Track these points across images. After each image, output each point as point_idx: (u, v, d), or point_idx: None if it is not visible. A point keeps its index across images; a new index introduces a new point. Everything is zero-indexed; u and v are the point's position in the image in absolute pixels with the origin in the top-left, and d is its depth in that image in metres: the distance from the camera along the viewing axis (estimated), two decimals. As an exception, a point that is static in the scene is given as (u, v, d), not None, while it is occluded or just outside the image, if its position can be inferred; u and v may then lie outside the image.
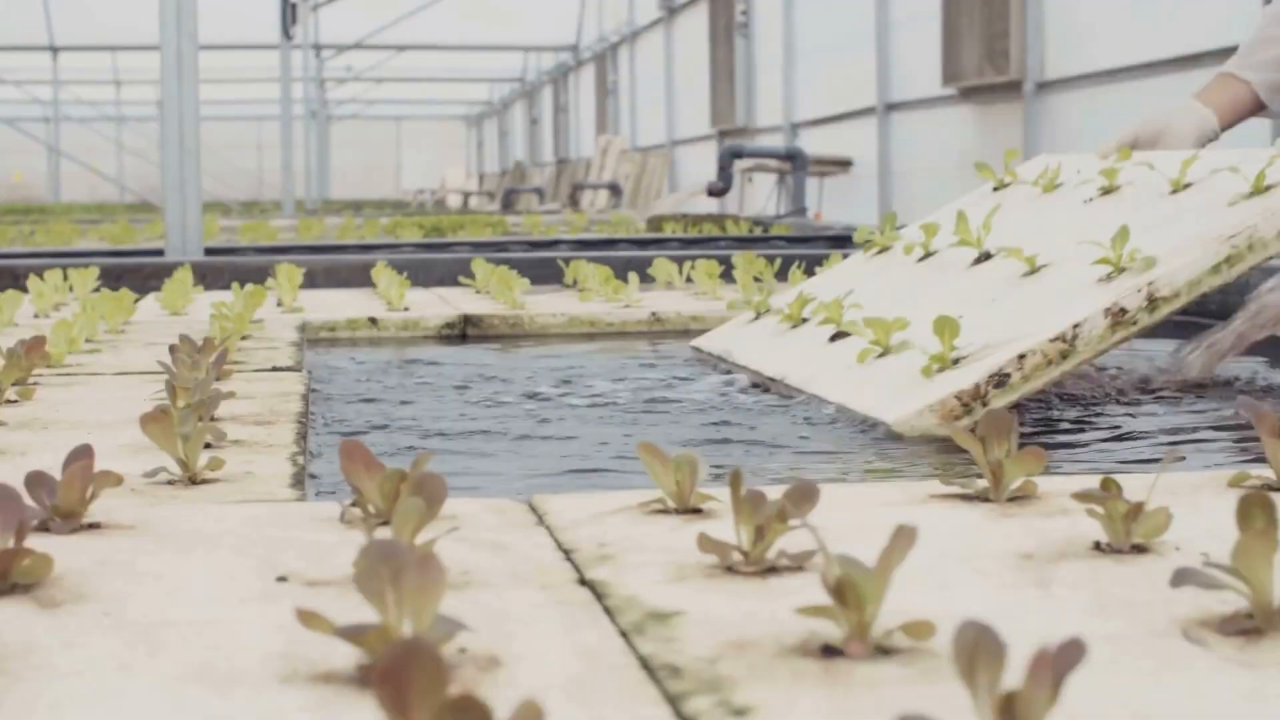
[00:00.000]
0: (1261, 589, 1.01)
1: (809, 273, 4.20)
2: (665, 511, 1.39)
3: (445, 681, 0.73)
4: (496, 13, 21.99)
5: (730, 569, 1.18)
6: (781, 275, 4.42)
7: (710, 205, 13.53)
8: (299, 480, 1.64)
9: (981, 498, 1.44)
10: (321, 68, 24.94)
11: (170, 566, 1.24)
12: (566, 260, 4.39)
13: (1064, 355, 2.07)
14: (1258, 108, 2.91)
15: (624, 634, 1.02)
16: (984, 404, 2.03)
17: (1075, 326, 2.07)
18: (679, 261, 4.29)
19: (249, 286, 3.47)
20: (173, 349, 2.24)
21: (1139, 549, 1.24)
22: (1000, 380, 2.04)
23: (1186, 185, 2.51)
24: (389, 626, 0.93)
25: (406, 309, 3.76)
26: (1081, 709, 0.87)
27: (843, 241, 5.50)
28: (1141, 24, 8.64)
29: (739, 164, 12.37)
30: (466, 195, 19.20)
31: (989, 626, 0.79)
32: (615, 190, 14.17)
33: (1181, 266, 2.11)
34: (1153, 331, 2.23)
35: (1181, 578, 1.03)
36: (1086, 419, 2.31)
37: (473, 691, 0.76)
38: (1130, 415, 2.34)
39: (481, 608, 1.09)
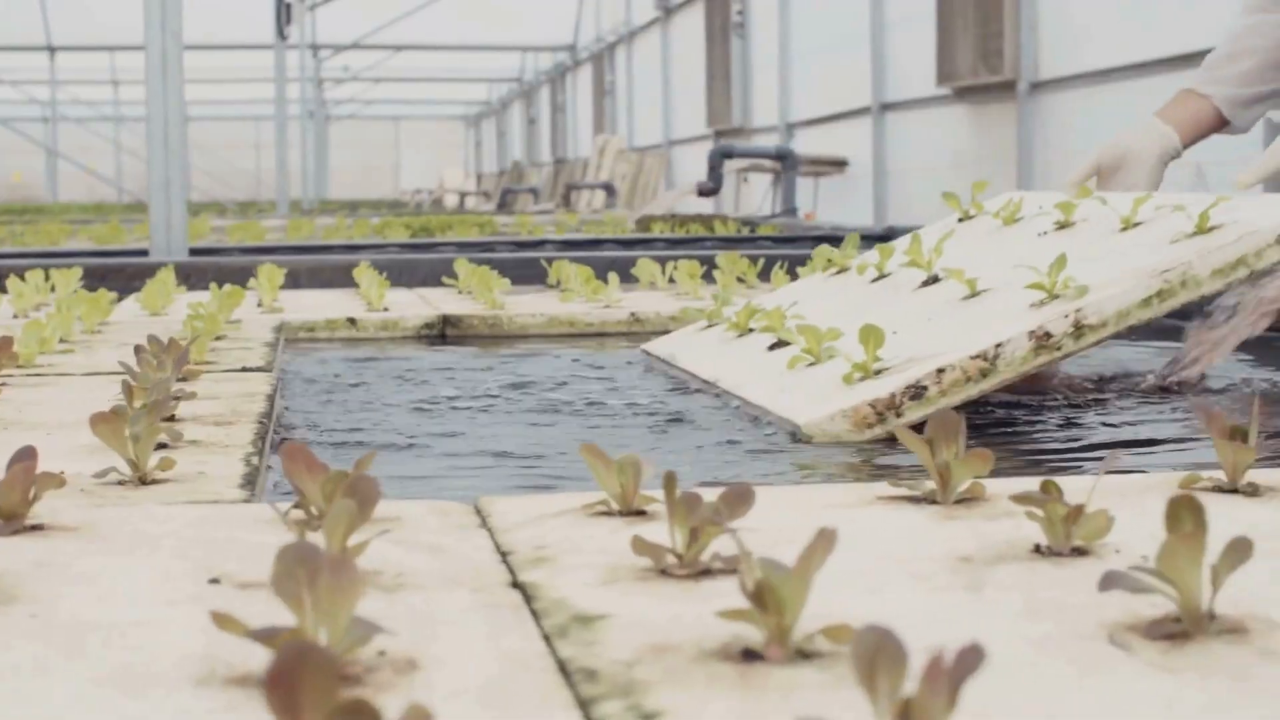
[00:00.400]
0: (1188, 592, 1.00)
1: (791, 273, 4.21)
2: (609, 514, 1.38)
3: (337, 685, 0.73)
4: (494, 13, 21.99)
5: (664, 572, 1.17)
6: (765, 275, 4.42)
7: (704, 205, 13.53)
8: (250, 481, 1.64)
9: (929, 500, 1.44)
10: (319, 68, 24.93)
11: (107, 568, 1.23)
12: (550, 260, 4.38)
13: (984, 373, 2.08)
14: (1220, 124, 2.91)
15: (547, 637, 1.02)
16: (898, 414, 2.04)
17: (998, 346, 2.08)
18: (662, 262, 4.28)
19: (227, 287, 3.46)
20: (138, 349, 2.23)
21: (1079, 552, 1.23)
22: (916, 392, 2.06)
23: (1137, 223, 2.54)
24: (303, 629, 0.93)
25: (386, 309, 3.76)
26: (995, 713, 0.86)
27: (829, 241, 5.49)
28: (1134, 24, 8.64)
29: (734, 164, 12.38)
30: (463, 195, 19.18)
31: (890, 632, 0.78)
32: (610, 190, 14.17)
33: (1111, 297, 2.12)
34: (1150, 334, 2.25)
35: (1109, 581, 1.02)
36: (1074, 421, 2.30)
37: (368, 697, 0.76)
38: (1107, 418, 2.34)
39: (408, 610, 1.08)
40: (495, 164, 26.96)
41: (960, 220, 3.13)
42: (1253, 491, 1.46)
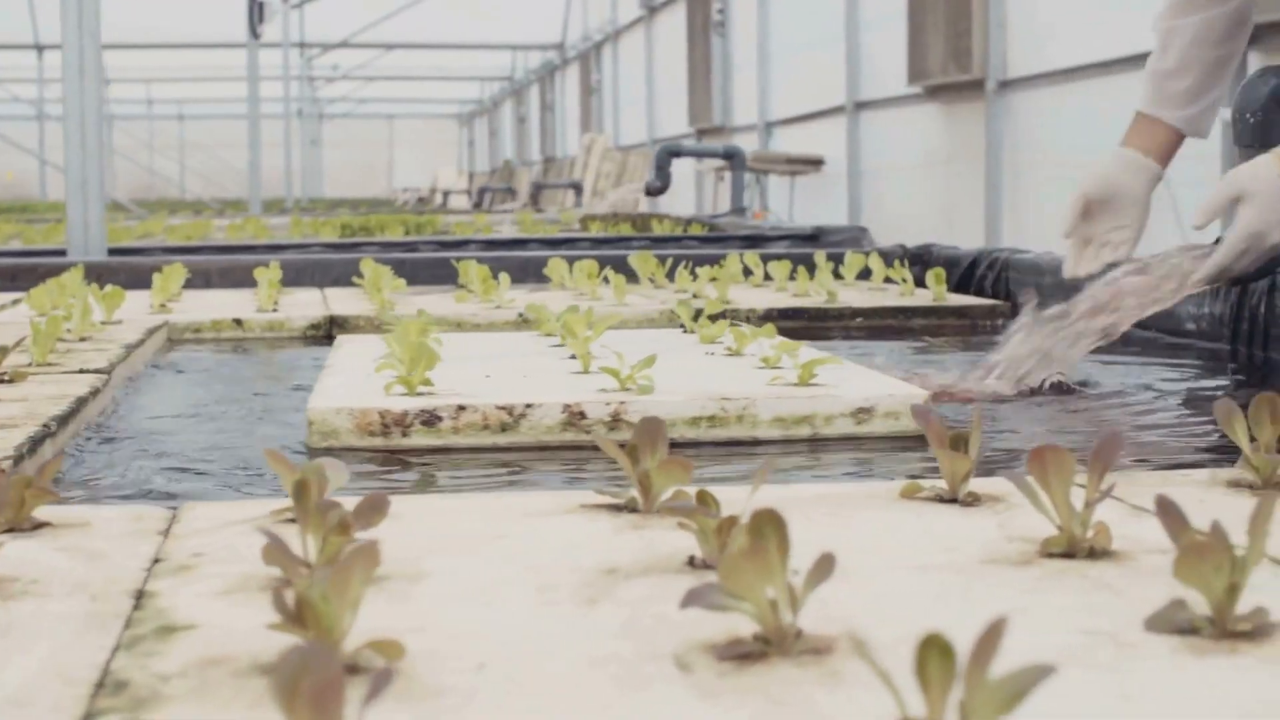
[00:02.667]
0: (763, 609, 0.98)
1: (693, 274, 4.19)
2: (294, 520, 1.36)
3: None
4: (484, 11, 21.96)
5: (290, 583, 1.15)
6: (671, 275, 4.41)
7: (701, 206, 13.49)
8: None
9: (630, 508, 1.41)
10: (309, 66, 24.93)
11: None
12: (461, 260, 4.36)
13: (504, 427, 2.07)
14: (1180, 141, 2.90)
15: (119, 648, 1.00)
16: (404, 433, 2.05)
17: (528, 407, 2.08)
18: (570, 261, 4.26)
19: (109, 287, 3.44)
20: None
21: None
22: (430, 419, 2.06)
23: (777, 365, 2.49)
24: None
25: (275, 309, 3.74)
26: (497, 731, 0.84)
27: (755, 241, 5.48)
28: (1098, 24, 8.61)
29: (711, 163, 12.35)
30: (446, 194, 19.18)
31: (322, 652, 0.75)
32: (578, 189, 14.14)
33: (663, 403, 2.10)
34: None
35: (691, 598, 0.99)
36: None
37: None
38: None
39: (4, 618, 1.06)
40: (487, 163, 26.95)
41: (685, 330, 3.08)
42: (971, 501, 1.43)
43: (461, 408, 2.07)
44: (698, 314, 3.04)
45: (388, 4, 21.11)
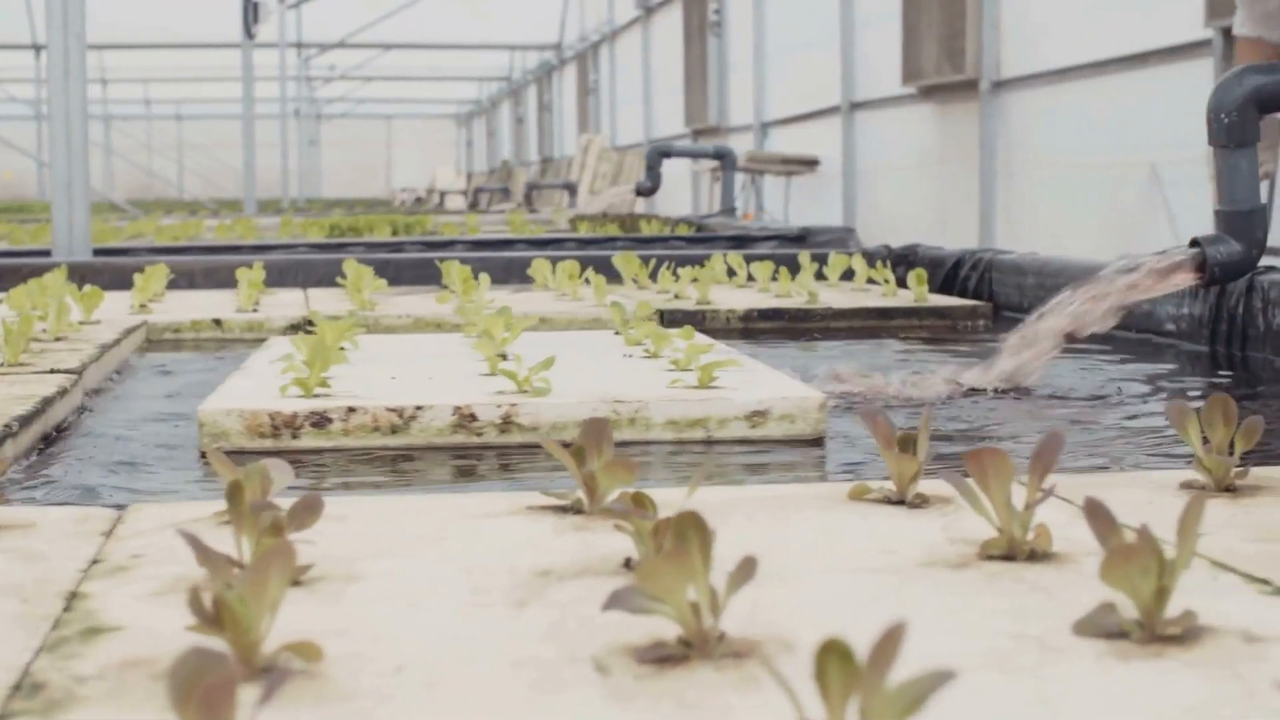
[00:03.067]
0: (684, 612, 0.97)
1: (675, 275, 4.18)
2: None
3: None
4: (482, 12, 21.95)
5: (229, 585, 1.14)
6: (654, 276, 4.40)
7: (697, 207, 13.49)
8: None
9: (575, 509, 1.41)
10: (307, 66, 24.92)
11: None
12: (450, 261, 4.35)
13: (394, 429, 2.07)
14: None
15: (42, 649, 0.99)
16: (294, 435, 2.05)
17: (418, 409, 2.07)
18: (554, 262, 4.26)
19: (87, 287, 3.44)
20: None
21: (669, 563, 1.20)
22: (321, 421, 2.06)
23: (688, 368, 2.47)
24: None
25: (255, 309, 3.73)
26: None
27: (741, 242, 5.48)
28: (1091, 24, 8.60)
29: (707, 164, 12.33)
30: (443, 194, 19.17)
31: (217, 655, 0.75)
32: (571, 190, 14.13)
33: (556, 406, 2.09)
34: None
35: (613, 601, 0.99)
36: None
37: None
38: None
39: (-70, 623, 1.06)
40: (486, 163, 26.92)
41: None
42: (919, 503, 1.43)
43: (352, 409, 2.06)
44: (674, 315, 3.04)
45: (385, 4, 21.10)
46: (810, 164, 12.41)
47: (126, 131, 27.38)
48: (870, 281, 4.25)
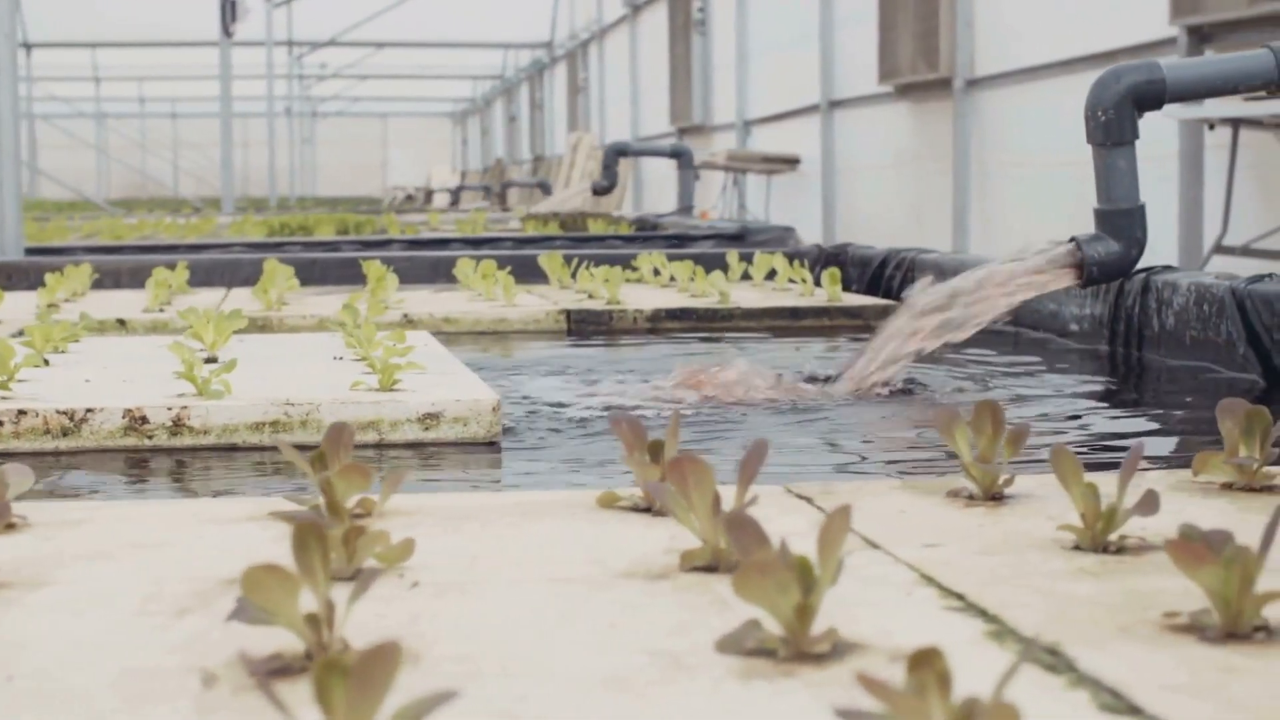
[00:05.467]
0: (295, 623, 0.94)
1: (590, 274, 4.15)
2: None
3: None
4: (474, 10, 21.90)
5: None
6: (574, 275, 4.36)
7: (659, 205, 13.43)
8: None
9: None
10: (300, 65, 24.88)
11: None
12: (382, 260, 4.33)
13: (65, 432, 2.04)
14: None
15: None
16: None
17: (88, 411, 2.04)
18: (476, 261, 4.23)
19: (-15, 287, 3.41)
20: None
21: (359, 573, 1.17)
22: None
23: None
24: None
25: (161, 310, 3.71)
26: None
27: (680, 241, 5.44)
28: (1061, 22, 8.57)
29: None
30: (430, 193, 19.15)
31: None
32: (545, 188, 14.11)
33: (221, 409, 2.06)
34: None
35: (235, 612, 0.96)
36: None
37: None
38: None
39: None
40: (480, 161, 26.88)
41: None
42: (665, 511, 1.39)
43: (22, 412, 2.03)
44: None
45: (376, 3, 21.06)
46: (791, 163, 12.38)
47: (121, 129, 27.37)
48: (792, 281, 4.22)
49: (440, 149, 31.20)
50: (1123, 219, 2.63)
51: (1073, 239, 2.64)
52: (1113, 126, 2.64)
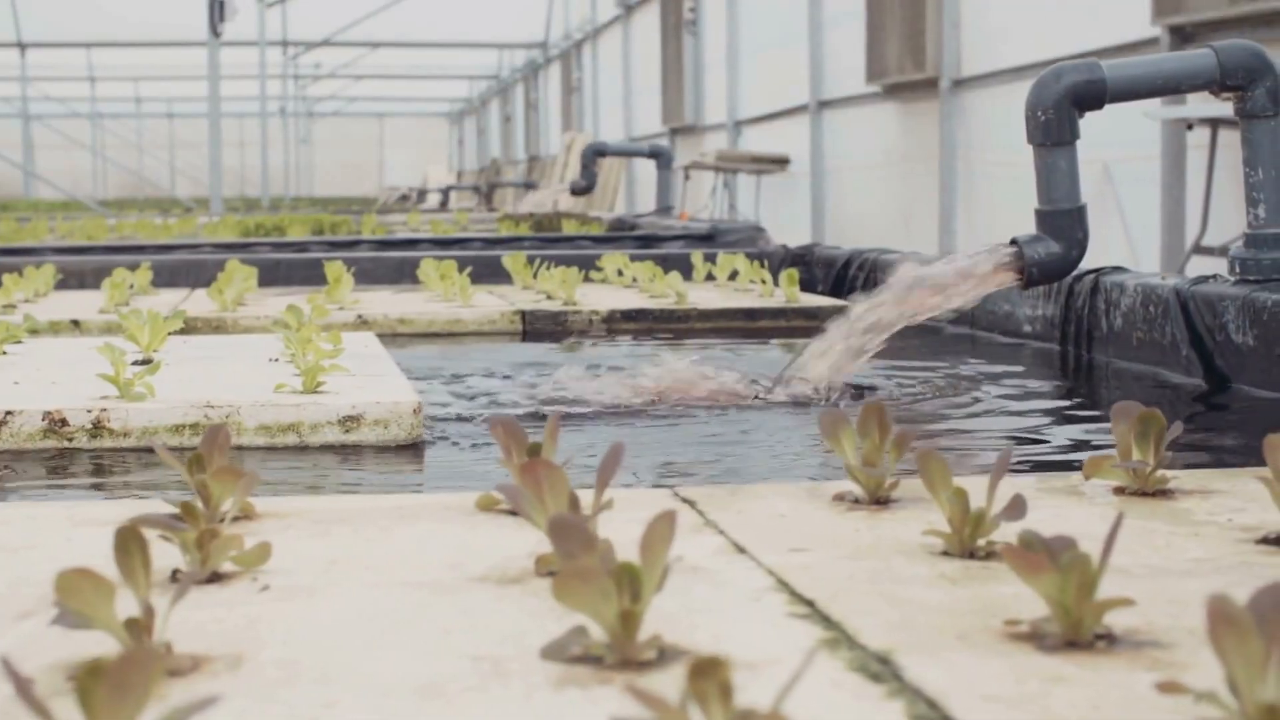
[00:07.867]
0: (114, 627, 0.93)
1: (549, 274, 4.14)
2: None
3: None
4: (469, 9, 21.90)
5: None
6: (535, 275, 4.35)
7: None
8: None
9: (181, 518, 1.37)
10: (295, 65, 24.87)
11: None
12: (347, 260, 4.33)
13: None
14: None
15: None
16: None
17: (8, 413, 2.03)
18: (440, 261, 4.22)
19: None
20: None
21: (219, 576, 1.16)
22: None
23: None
24: None
25: (119, 311, 3.70)
26: None
27: (650, 242, 5.43)
28: (1045, 23, 8.56)
29: (678, 163, 12.28)
30: (423, 193, 19.16)
31: None
32: (530, 189, 14.10)
33: (140, 411, 2.05)
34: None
35: (57, 617, 0.95)
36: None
37: None
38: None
39: None
40: (477, 161, 26.88)
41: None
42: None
43: None
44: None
45: (371, 3, 21.05)
46: (780, 163, 12.37)
47: (117, 130, 27.33)
48: (754, 282, 4.21)
49: (437, 149, 31.17)
50: (1063, 220, 2.62)
51: (1013, 240, 2.63)
52: (1052, 126, 2.63)
